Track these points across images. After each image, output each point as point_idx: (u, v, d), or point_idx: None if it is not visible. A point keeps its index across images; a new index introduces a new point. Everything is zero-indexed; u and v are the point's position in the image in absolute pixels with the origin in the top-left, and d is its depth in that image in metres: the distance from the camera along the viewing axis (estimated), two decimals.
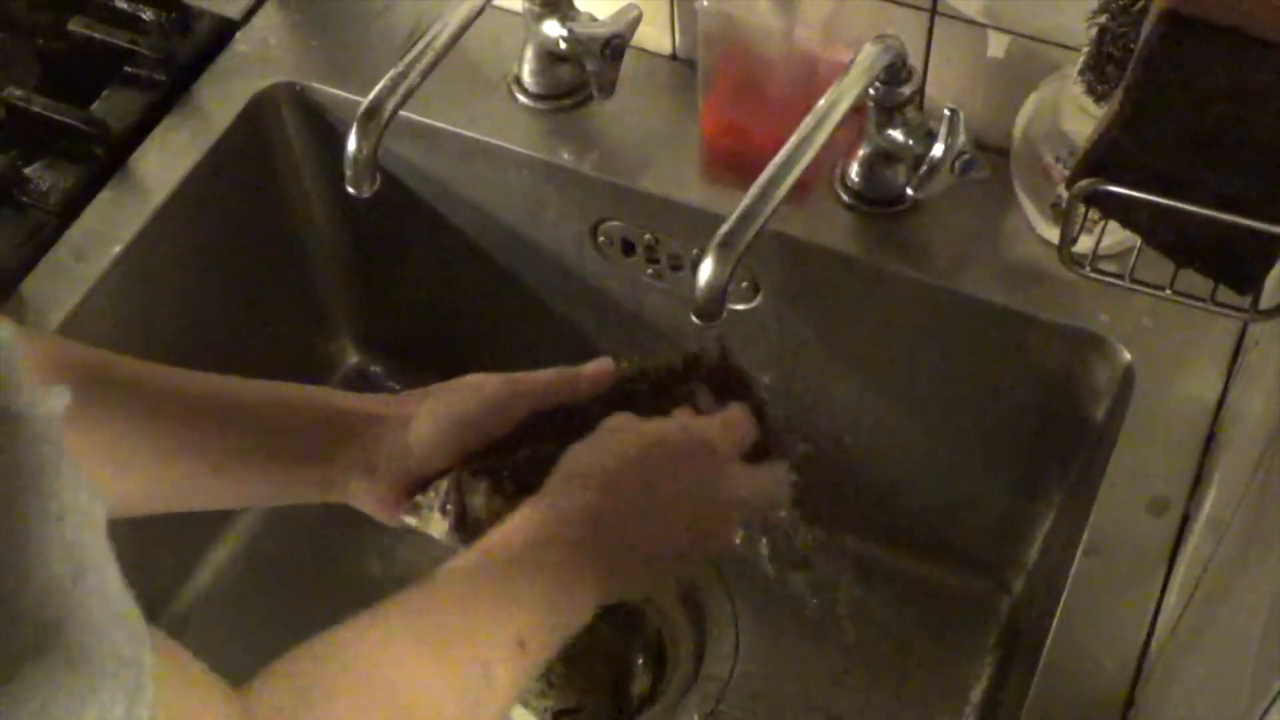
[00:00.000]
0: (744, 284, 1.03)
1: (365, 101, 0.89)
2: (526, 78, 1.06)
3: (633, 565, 0.73)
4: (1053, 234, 0.92)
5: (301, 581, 1.18)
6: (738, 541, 0.81)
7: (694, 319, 0.83)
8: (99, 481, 0.46)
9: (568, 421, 0.80)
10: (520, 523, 0.71)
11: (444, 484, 0.78)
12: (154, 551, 1.14)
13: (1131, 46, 0.75)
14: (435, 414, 0.79)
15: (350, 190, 0.91)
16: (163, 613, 1.16)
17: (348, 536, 1.18)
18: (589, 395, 0.82)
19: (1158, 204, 0.68)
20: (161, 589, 1.16)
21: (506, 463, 0.78)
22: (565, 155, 1.04)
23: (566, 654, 1.09)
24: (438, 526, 0.78)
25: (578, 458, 0.75)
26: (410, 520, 0.79)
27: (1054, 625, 0.82)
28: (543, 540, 0.70)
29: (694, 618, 1.12)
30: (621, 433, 0.76)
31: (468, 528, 0.77)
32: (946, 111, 0.90)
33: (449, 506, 0.77)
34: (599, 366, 0.83)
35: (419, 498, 0.79)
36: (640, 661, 1.10)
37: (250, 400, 0.79)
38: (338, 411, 0.79)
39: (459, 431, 0.78)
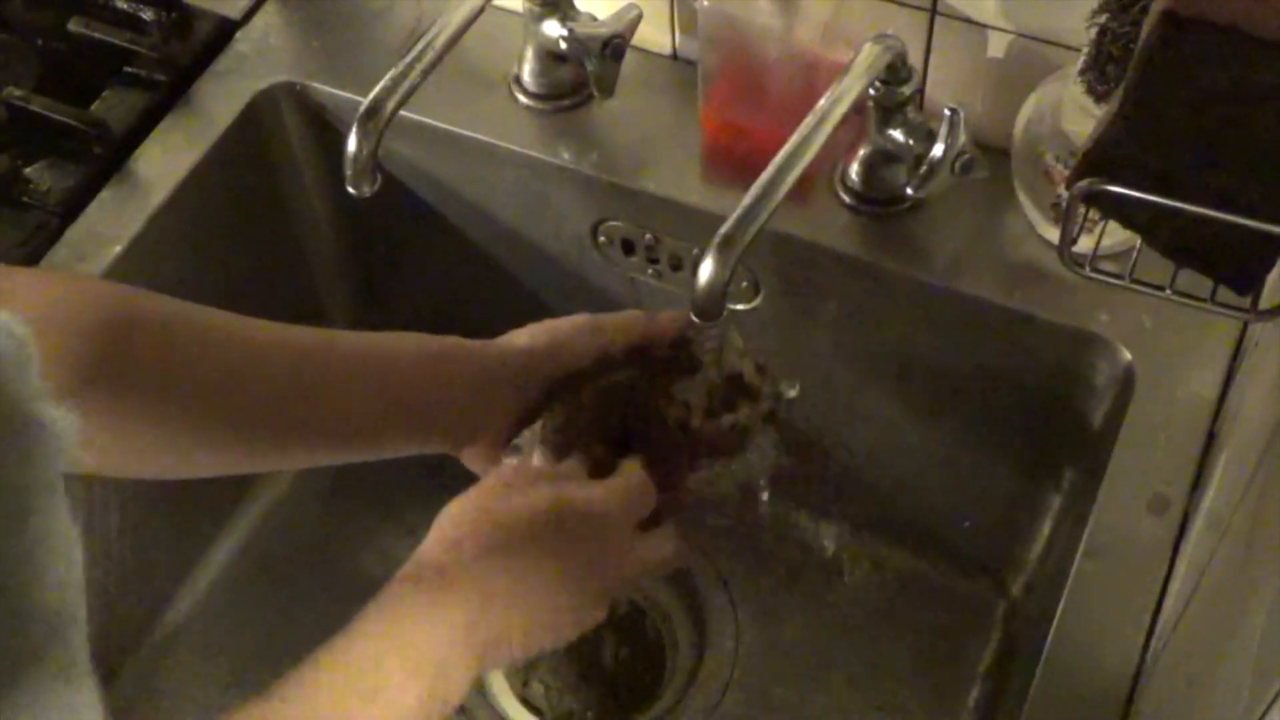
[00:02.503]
0: (744, 284, 1.03)
1: (365, 101, 0.89)
2: (526, 78, 1.07)
3: (513, 637, 0.70)
4: (1053, 234, 0.92)
5: (301, 581, 1.18)
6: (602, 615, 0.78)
7: (694, 319, 0.83)
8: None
9: (638, 361, 0.82)
10: (392, 600, 0.69)
11: (537, 425, 0.80)
12: (154, 551, 1.14)
13: (1131, 46, 0.75)
14: (514, 346, 0.81)
15: (350, 190, 0.91)
16: (163, 612, 1.16)
17: (347, 536, 1.19)
18: (663, 338, 0.83)
19: (1158, 204, 0.68)
20: (162, 589, 1.16)
21: (585, 393, 0.80)
22: (565, 155, 1.04)
23: (566, 654, 1.10)
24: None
25: (460, 518, 0.72)
26: (510, 461, 0.80)
27: (1054, 625, 0.82)
28: (414, 621, 0.68)
29: (694, 617, 1.12)
30: (510, 496, 0.73)
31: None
32: (946, 111, 0.90)
33: (547, 441, 0.79)
34: (673, 316, 0.83)
35: (516, 440, 0.80)
36: (640, 661, 1.10)
37: (363, 347, 0.79)
38: (433, 359, 0.80)
39: (535, 363, 0.80)
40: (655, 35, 1.07)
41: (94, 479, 0.78)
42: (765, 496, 0.95)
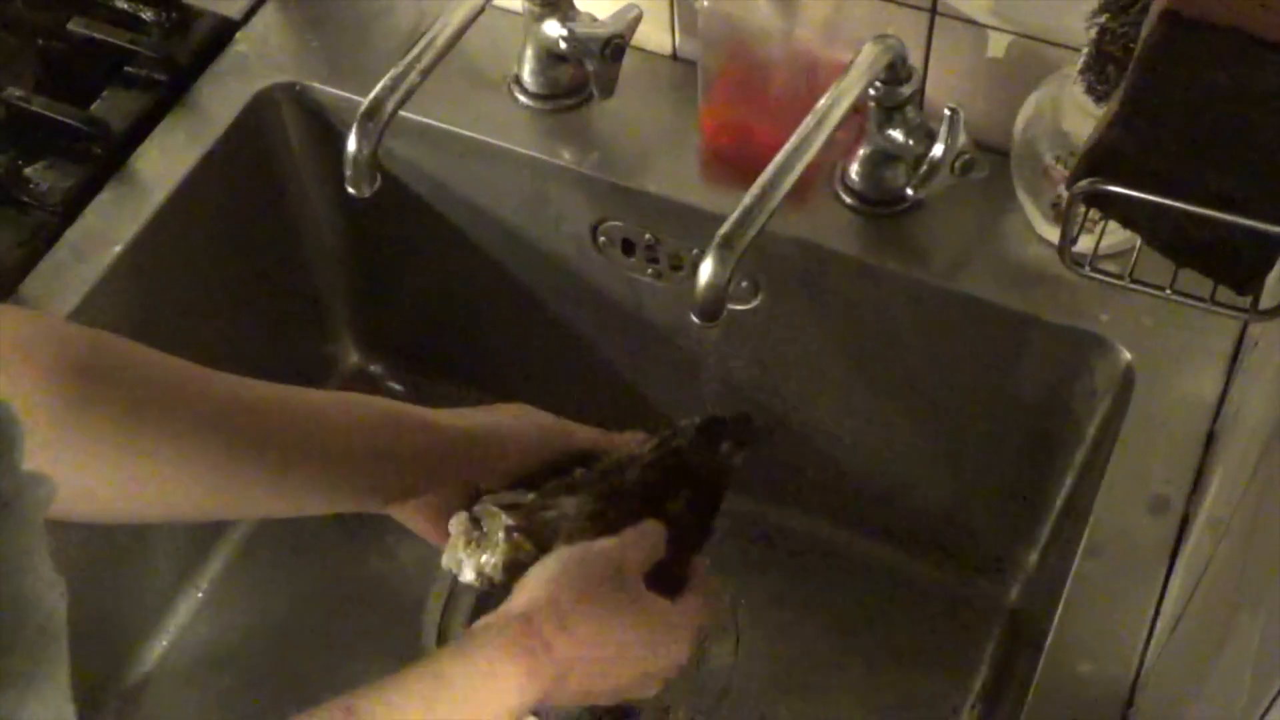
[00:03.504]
0: (744, 284, 1.03)
1: (365, 101, 0.89)
2: (526, 78, 1.06)
3: (571, 687, 0.73)
4: (1053, 234, 0.92)
5: (302, 581, 1.18)
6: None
7: (694, 319, 0.83)
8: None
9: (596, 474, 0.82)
10: (478, 635, 0.72)
11: (487, 498, 0.80)
12: (154, 552, 1.14)
13: (1131, 46, 0.75)
14: (484, 423, 0.81)
15: (350, 190, 0.91)
16: (164, 613, 1.16)
17: (348, 536, 1.18)
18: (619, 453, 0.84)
19: (1158, 204, 0.68)
20: (162, 589, 1.16)
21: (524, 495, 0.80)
22: (565, 155, 1.04)
23: None
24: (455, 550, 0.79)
25: (545, 572, 0.75)
26: (456, 535, 0.80)
27: (1054, 625, 0.82)
28: (495, 655, 0.70)
29: None
30: (590, 554, 0.76)
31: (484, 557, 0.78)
32: (946, 111, 0.90)
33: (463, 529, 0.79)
34: (637, 436, 0.85)
35: (476, 509, 0.80)
36: None
37: (309, 406, 0.80)
38: (389, 418, 0.81)
39: (500, 445, 0.81)
40: (655, 35, 1.07)
41: None
42: None
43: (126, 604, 1.13)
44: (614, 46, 0.98)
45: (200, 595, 1.18)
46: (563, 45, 1.00)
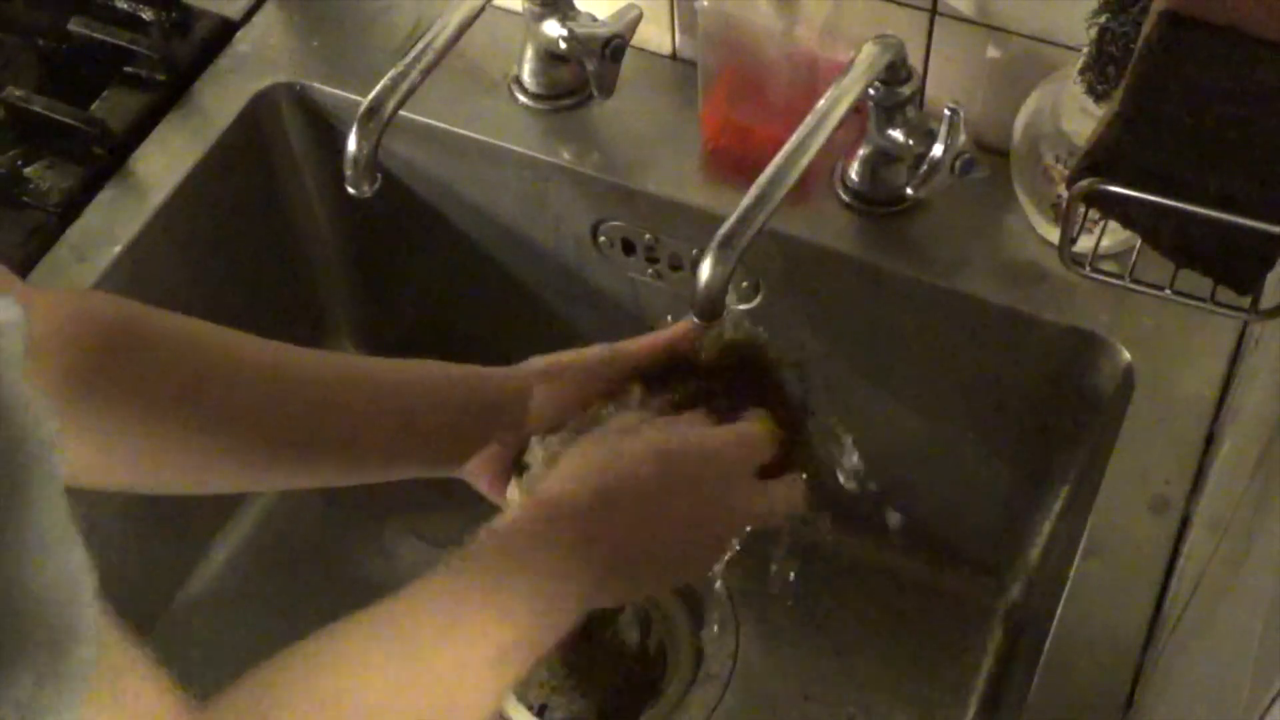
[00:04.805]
0: (744, 284, 1.03)
1: (365, 101, 0.89)
2: (526, 78, 1.07)
3: (624, 573, 0.71)
4: (1053, 234, 0.92)
5: (302, 581, 1.18)
6: (736, 546, 0.78)
7: (694, 319, 0.83)
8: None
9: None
10: (512, 522, 0.70)
11: (537, 438, 0.78)
12: (155, 549, 1.14)
13: (1131, 46, 0.75)
14: (530, 371, 0.80)
15: (350, 190, 0.91)
16: (164, 611, 1.16)
17: (348, 535, 1.19)
18: (682, 351, 0.82)
19: (1158, 204, 0.68)
20: (163, 587, 1.16)
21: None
22: (565, 155, 1.04)
23: (567, 654, 1.10)
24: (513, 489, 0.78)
25: (581, 456, 0.73)
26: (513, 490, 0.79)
27: (1054, 625, 0.82)
28: (533, 542, 0.68)
29: (694, 617, 1.12)
30: (630, 436, 0.74)
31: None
32: (946, 111, 0.90)
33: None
34: (684, 326, 0.83)
35: (526, 457, 0.78)
36: (640, 661, 1.10)
37: (371, 374, 0.79)
38: (448, 379, 0.79)
39: (563, 396, 0.79)
40: (655, 35, 1.07)
41: None
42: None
43: (118, 609, 1.13)
44: (614, 46, 0.98)
45: (196, 597, 1.18)
46: (563, 45, 1.00)
